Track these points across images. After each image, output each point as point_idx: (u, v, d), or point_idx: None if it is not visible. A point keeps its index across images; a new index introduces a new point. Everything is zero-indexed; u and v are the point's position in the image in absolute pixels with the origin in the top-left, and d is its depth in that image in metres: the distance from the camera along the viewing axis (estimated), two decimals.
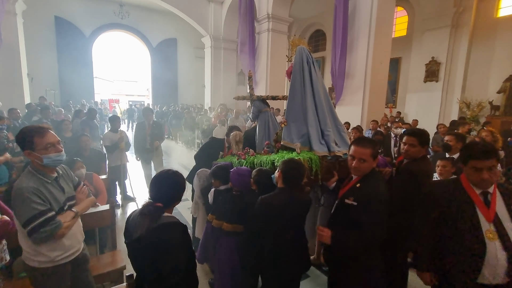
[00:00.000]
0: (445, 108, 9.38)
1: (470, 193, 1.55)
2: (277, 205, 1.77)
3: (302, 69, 2.39)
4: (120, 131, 4.82)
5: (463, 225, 1.53)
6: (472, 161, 1.52)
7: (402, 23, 11.19)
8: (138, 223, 1.38)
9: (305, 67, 2.38)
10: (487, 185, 1.53)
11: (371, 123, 6.29)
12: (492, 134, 4.01)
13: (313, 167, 2.11)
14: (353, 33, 6.49)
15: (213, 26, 12.26)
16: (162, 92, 16.64)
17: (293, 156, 2.08)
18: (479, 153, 1.49)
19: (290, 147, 2.33)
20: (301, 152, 2.18)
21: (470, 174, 1.55)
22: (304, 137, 2.30)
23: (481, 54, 8.87)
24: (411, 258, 3.13)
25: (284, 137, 2.37)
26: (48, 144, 1.60)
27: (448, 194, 1.62)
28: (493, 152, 1.49)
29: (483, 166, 1.48)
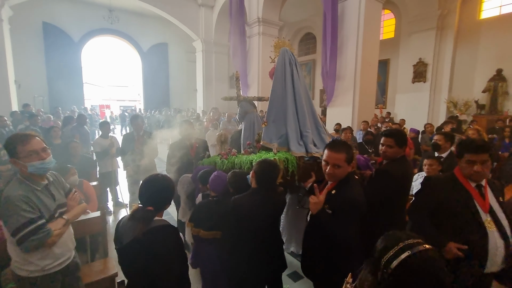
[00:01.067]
0: (433, 108, 9.60)
1: (467, 185, 1.65)
2: (249, 205, 1.77)
3: (284, 71, 2.42)
4: (111, 137, 4.76)
5: (464, 216, 1.60)
6: (466, 155, 1.62)
7: (390, 26, 11.43)
8: (129, 228, 1.37)
9: (287, 69, 2.41)
10: (481, 177, 1.63)
11: (362, 124, 6.38)
12: (478, 132, 4.14)
13: (289, 167, 2.13)
14: (342, 36, 6.60)
15: (204, 30, 12.28)
16: (153, 97, 16.53)
17: (270, 157, 2.10)
18: (474, 147, 1.61)
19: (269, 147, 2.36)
20: (278, 152, 2.22)
21: (464, 167, 1.65)
22: (283, 137, 2.35)
23: (466, 55, 9.13)
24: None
25: (264, 137, 2.42)
26: (30, 152, 1.56)
27: (445, 187, 1.69)
28: (486, 147, 1.61)
29: (476, 159, 1.59)
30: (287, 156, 2.18)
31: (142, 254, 1.29)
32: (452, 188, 1.67)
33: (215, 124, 8.48)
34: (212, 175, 2.25)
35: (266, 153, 2.33)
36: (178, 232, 1.44)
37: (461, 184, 1.66)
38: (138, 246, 1.30)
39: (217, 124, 8.44)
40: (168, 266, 1.32)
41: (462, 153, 1.65)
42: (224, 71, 13.08)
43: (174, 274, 1.34)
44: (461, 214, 1.60)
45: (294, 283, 2.75)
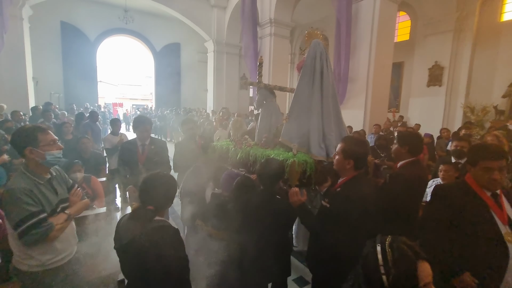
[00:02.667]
0: (448, 113, 9.28)
1: (482, 195, 1.50)
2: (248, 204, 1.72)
3: (314, 65, 2.23)
4: (121, 134, 4.82)
5: (482, 229, 1.45)
6: (482, 162, 1.48)
7: (405, 28, 11.17)
8: (128, 227, 1.34)
9: (317, 63, 2.22)
10: (497, 186, 1.49)
11: (373, 127, 6.23)
12: (498, 139, 3.92)
13: (307, 170, 2.03)
14: (355, 38, 6.48)
15: (216, 30, 12.35)
16: (165, 96, 16.75)
17: (289, 157, 2.03)
18: (491, 153, 1.47)
19: (288, 145, 2.26)
20: (297, 153, 2.12)
21: (480, 175, 1.50)
22: (304, 137, 2.20)
23: (485, 58, 8.79)
24: None
25: (283, 135, 2.29)
26: (51, 141, 1.62)
27: (458, 196, 1.55)
28: (503, 153, 1.48)
29: (494, 166, 1.45)
30: (307, 159, 2.06)
31: (140, 255, 1.25)
32: (466, 197, 1.52)
33: (225, 124, 8.48)
34: (224, 174, 2.21)
35: (285, 152, 2.21)
36: (178, 233, 1.39)
37: (475, 193, 1.51)
38: (136, 247, 1.26)
39: (226, 124, 8.44)
40: (167, 269, 1.27)
41: (477, 160, 1.50)
42: (234, 72, 13.10)
43: (173, 276, 1.30)
44: (477, 226, 1.45)
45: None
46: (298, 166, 1.90)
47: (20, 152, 1.57)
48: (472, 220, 1.47)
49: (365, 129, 6.29)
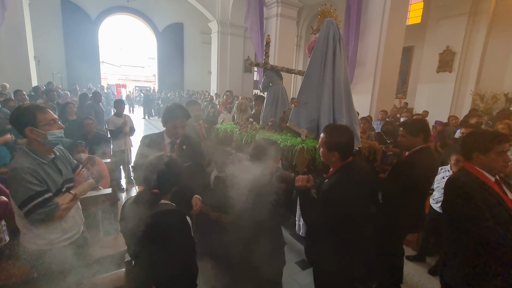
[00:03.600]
0: (457, 100, 9.05)
1: (489, 182, 1.50)
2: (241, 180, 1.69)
3: (326, 46, 2.09)
4: (124, 116, 4.78)
5: (499, 218, 1.42)
6: (498, 146, 1.48)
7: (417, 10, 10.72)
8: (134, 211, 1.33)
9: (330, 44, 2.08)
10: (507, 168, 1.54)
11: (380, 113, 6.12)
12: (509, 127, 3.84)
13: (316, 157, 1.96)
14: (366, 20, 6.22)
15: (220, 10, 11.94)
16: (168, 78, 16.54)
17: (297, 143, 1.98)
18: (504, 137, 1.50)
19: (296, 131, 2.19)
20: (306, 139, 2.06)
21: (494, 160, 1.50)
22: (313, 122, 2.11)
23: (500, 44, 8.44)
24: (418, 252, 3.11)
25: (292, 119, 2.21)
26: (51, 120, 1.58)
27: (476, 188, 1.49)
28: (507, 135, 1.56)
29: (506, 149, 1.49)
30: (315, 145, 1.97)
31: (145, 239, 1.25)
32: (481, 188, 1.48)
33: (229, 107, 8.38)
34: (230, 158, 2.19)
35: (292, 137, 2.14)
36: (184, 217, 1.38)
37: (484, 182, 1.50)
38: (141, 231, 1.25)
39: (230, 107, 8.34)
40: (172, 253, 1.27)
41: (490, 146, 1.50)
42: (239, 54, 12.80)
43: (179, 260, 1.29)
44: (500, 215, 1.43)
45: (303, 271, 2.71)
46: (306, 153, 1.84)
47: (21, 132, 1.54)
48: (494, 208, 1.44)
49: (372, 115, 6.18)
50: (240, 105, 3.12)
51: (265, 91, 3.04)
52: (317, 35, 2.20)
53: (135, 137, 6.89)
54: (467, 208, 1.46)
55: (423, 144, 2.08)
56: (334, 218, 1.48)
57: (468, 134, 1.68)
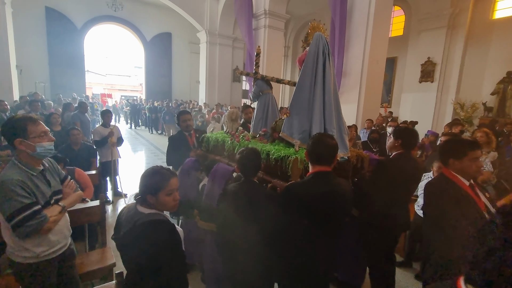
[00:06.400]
0: (439, 109, 9.44)
1: (464, 186, 1.60)
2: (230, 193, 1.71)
3: (316, 59, 2.17)
4: (112, 126, 4.69)
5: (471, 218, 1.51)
6: (471, 152, 1.59)
7: (399, 23, 11.23)
8: (129, 218, 1.31)
9: (320, 57, 2.17)
10: (479, 173, 1.66)
11: (366, 122, 6.28)
12: (487, 135, 4.02)
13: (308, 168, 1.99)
14: (350, 31, 6.45)
15: (209, 21, 12.09)
16: (156, 88, 16.41)
17: (291, 153, 2.00)
18: (476, 144, 1.63)
19: (289, 141, 2.23)
20: (299, 150, 2.09)
21: (468, 166, 1.60)
22: (305, 133, 2.16)
23: (476, 55, 8.95)
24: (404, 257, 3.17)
25: (284, 129, 2.25)
26: (42, 132, 1.58)
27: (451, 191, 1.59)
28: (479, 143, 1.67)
29: (479, 155, 1.60)
30: None
31: (134, 247, 1.23)
32: (456, 191, 1.59)
33: (218, 117, 8.39)
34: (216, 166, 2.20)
35: (285, 148, 2.17)
36: (174, 228, 1.36)
37: (460, 186, 1.60)
38: (131, 239, 1.24)
39: (219, 117, 8.35)
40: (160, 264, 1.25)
41: (466, 152, 1.60)
42: (227, 63, 12.91)
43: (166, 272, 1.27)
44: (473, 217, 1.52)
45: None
46: (300, 163, 1.87)
47: (11, 143, 1.53)
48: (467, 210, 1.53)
49: (358, 124, 6.33)
50: (231, 114, 3.13)
51: (255, 100, 3.08)
52: (308, 49, 2.27)
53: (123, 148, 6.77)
54: (442, 210, 1.57)
55: (401, 149, 2.24)
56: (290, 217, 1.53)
57: (445, 142, 1.81)
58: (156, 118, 13.05)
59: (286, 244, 1.56)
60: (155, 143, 10.39)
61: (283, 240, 1.57)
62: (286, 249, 1.56)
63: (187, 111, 3.67)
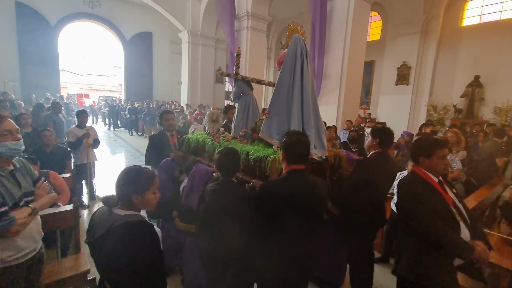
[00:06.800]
0: (414, 110, 9.89)
1: (432, 183, 1.69)
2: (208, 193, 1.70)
3: (294, 60, 2.21)
4: (88, 127, 4.51)
5: (442, 212, 1.60)
6: (439, 151, 1.67)
7: (377, 28, 11.64)
8: (103, 221, 1.27)
9: (298, 59, 2.20)
10: (446, 170, 1.75)
11: (345, 123, 6.45)
12: (457, 135, 4.26)
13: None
14: (330, 35, 6.61)
15: (191, 21, 11.95)
16: (136, 88, 15.96)
17: (270, 154, 2.02)
18: (443, 143, 1.72)
19: (268, 141, 2.24)
20: (277, 150, 2.11)
21: (436, 163, 1.69)
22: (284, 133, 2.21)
23: (447, 60, 9.46)
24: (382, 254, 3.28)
25: (263, 130, 2.26)
26: (5, 131, 1.50)
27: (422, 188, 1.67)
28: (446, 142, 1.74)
29: (446, 153, 1.69)
30: None
31: (113, 249, 1.19)
32: (425, 187, 1.67)
33: (200, 118, 8.31)
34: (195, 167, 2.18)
35: (265, 148, 2.19)
36: (153, 229, 1.34)
37: (429, 182, 1.69)
38: (109, 241, 1.20)
39: (202, 118, 8.27)
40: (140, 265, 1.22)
41: (434, 150, 1.69)
42: (210, 64, 12.82)
43: (147, 272, 1.25)
44: (441, 211, 1.61)
45: None
46: (278, 163, 1.89)
47: None
48: (436, 205, 1.62)
49: (338, 125, 6.49)
50: (211, 115, 3.11)
51: (236, 101, 3.09)
52: (286, 50, 2.31)
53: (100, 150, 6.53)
54: (413, 205, 1.64)
55: (378, 148, 2.33)
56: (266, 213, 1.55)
57: (415, 141, 1.93)
58: (136, 119, 12.69)
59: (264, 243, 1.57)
60: (135, 145, 10.10)
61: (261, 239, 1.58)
62: (265, 248, 1.56)
63: (170, 110, 3.61)
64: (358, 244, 2.35)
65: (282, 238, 1.53)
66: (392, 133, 2.46)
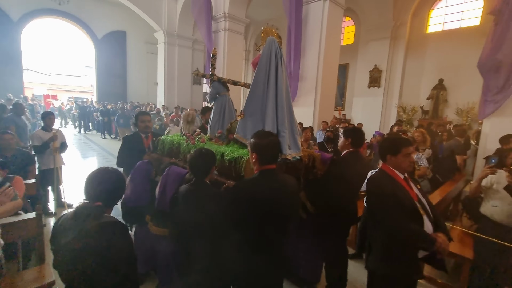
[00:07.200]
0: (385, 112, 10.38)
1: (399, 179, 1.78)
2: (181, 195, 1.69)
3: (269, 62, 2.23)
4: (55, 130, 4.25)
5: (408, 207, 1.68)
6: (405, 149, 1.76)
7: (350, 32, 12.09)
8: (70, 226, 1.21)
9: (273, 61, 2.23)
10: (411, 167, 1.75)
11: (321, 124, 6.62)
12: (423, 135, 4.53)
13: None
14: (306, 38, 6.77)
15: (167, 21, 11.69)
16: (109, 89, 15.32)
17: (244, 154, 2.02)
18: (407, 141, 1.81)
19: (243, 142, 2.24)
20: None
21: (402, 161, 1.77)
22: None
23: (414, 64, 10.03)
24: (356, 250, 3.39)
25: (238, 131, 2.26)
26: None
27: (389, 184, 1.75)
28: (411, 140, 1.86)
29: (411, 151, 1.77)
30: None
31: (85, 253, 1.15)
32: (392, 184, 1.76)
33: (177, 120, 8.13)
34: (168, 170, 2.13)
35: (239, 148, 2.19)
36: (127, 230, 1.31)
37: (395, 179, 1.78)
38: (81, 245, 1.16)
39: (178, 120, 8.10)
40: (114, 267, 1.20)
41: (400, 148, 1.77)
42: (187, 65, 12.61)
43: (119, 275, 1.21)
44: (406, 206, 1.69)
45: None
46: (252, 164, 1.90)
47: None
48: (404, 201, 1.70)
49: (314, 126, 6.65)
50: (187, 116, 3.06)
51: (212, 102, 3.06)
52: (261, 52, 2.33)
53: (68, 154, 6.19)
54: (381, 201, 1.73)
55: (351, 148, 2.42)
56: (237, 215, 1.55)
57: (383, 140, 2.02)
58: (109, 121, 12.14)
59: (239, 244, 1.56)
60: (107, 148, 9.67)
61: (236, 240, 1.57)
62: (239, 249, 1.56)
63: (146, 112, 3.51)
64: (332, 241, 2.42)
65: (256, 238, 1.53)
66: (363, 133, 2.57)
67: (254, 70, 2.42)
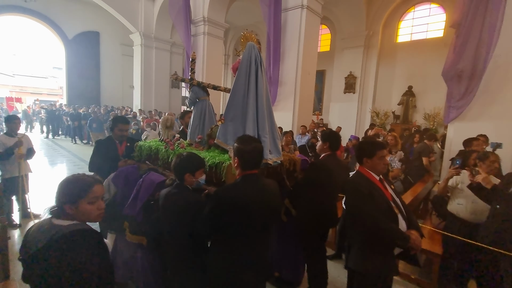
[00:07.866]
0: (360, 116, 10.85)
1: (374, 180, 1.87)
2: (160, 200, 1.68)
3: (249, 67, 2.25)
4: (20, 135, 3.96)
5: (384, 206, 1.77)
6: (379, 152, 1.86)
7: (326, 40, 12.53)
8: (42, 234, 1.13)
9: (252, 66, 2.25)
10: (386, 168, 1.93)
11: (300, 128, 6.77)
12: (395, 138, 4.80)
13: None
14: (285, 45, 6.92)
15: (143, 22, 11.40)
16: (80, 92, 14.55)
17: (225, 159, 2.02)
18: (382, 144, 1.92)
19: (224, 148, 2.24)
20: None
21: (377, 163, 1.87)
22: None
23: (386, 71, 10.61)
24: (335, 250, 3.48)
25: (219, 136, 2.25)
26: None
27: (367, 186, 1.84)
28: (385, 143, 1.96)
29: (385, 154, 1.88)
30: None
31: (55, 262, 1.07)
32: (369, 185, 1.85)
33: (154, 124, 7.92)
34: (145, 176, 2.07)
35: (220, 154, 2.18)
36: (102, 237, 1.24)
37: (371, 181, 1.87)
38: (48, 255, 1.08)
39: (155, 124, 7.89)
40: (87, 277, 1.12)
41: (375, 151, 1.87)
42: (165, 69, 12.35)
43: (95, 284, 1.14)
44: (382, 205, 1.78)
45: None
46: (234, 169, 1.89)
47: None
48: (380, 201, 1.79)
49: (294, 130, 6.77)
50: (165, 121, 2.99)
51: (191, 107, 3.02)
52: (241, 57, 2.34)
53: (37, 161, 5.80)
54: (358, 202, 1.81)
55: (329, 151, 2.52)
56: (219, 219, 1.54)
57: (359, 144, 2.13)
58: (80, 126, 11.52)
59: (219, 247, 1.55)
60: (79, 154, 9.17)
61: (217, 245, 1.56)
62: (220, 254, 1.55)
63: (126, 119, 3.35)
64: (311, 242, 2.47)
65: (237, 241, 1.53)
66: (339, 136, 2.68)
67: (234, 75, 2.43)
